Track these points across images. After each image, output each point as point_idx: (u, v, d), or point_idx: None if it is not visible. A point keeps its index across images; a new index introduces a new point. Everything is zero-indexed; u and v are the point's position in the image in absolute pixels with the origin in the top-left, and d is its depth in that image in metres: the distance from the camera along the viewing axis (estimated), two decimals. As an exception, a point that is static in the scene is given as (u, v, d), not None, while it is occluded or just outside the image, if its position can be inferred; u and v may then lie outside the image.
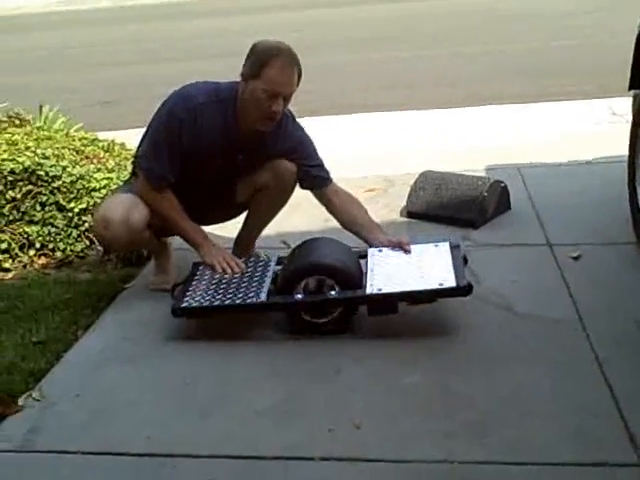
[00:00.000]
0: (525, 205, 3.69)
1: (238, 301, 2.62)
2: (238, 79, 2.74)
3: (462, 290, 2.53)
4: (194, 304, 2.63)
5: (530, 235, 3.34)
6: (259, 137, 2.81)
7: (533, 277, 2.95)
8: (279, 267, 2.81)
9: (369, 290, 2.58)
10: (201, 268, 2.85)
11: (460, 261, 2.71)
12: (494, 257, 3.16)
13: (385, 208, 3.73)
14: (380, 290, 2.57)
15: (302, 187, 2.95)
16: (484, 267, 3.01)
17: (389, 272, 2.67)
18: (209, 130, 2.75)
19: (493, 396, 2.20)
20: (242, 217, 3.15)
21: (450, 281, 2.55)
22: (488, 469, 1.91)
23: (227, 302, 2.62)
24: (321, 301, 2.59)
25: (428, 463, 1.95)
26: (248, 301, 2.61)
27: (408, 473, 1.92)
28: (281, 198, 3.01)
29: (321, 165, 2.93)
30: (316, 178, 2.90)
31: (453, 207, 3.54)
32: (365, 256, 2.80)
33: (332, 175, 2.95)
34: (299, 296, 2.60)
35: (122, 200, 2.84)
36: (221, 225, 3.23)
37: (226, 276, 2.78)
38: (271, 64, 2.63)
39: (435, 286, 2.55)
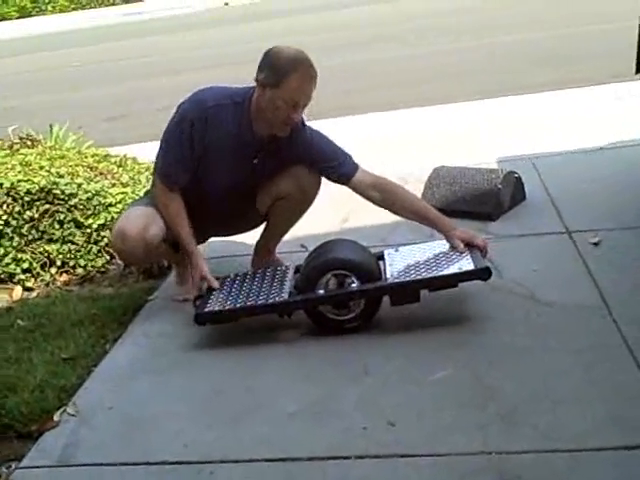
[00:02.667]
0: (540, 194, 3.69)
1: (261, 301, 2.63)
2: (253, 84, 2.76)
3: (481, 272, 2.56)
4: (217, 308, 2.65)
5: (548, 224, 3.34)
6: (273, 141, 2.82)
7: (554, 265, 2.95)
8: (297, 274, 2.84)
9: (390, 280, 2.61)
10: (221, 278, 2.87)
11: (477, 252, 2.72)
12: (514, 248, 3.16)
13: (401, 206, 3.73)
14: (400, 279, 2.60)
15: (334, 182, 2.95)
16: (505, 258, 3.02)
17: (408, 264, 2.71)
18: (222, 133, 2.76)
19: (525, 386, 2.21)
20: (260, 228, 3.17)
21: (468, 265, 2.59)
22: (524, 459, 1.92)
23: (250, 303, 2.64)
24: (344, 294, 2.61)
25: (464, 455, 1.95)
26: (270, 301, 2.63)
27: (445, 467, 1.93)
28: (302, 207, 3.02)
29: (342, 162, 2.88)
30: (341, 175, 2.89)
31: (469, 201, 3.55)
32: (382, 257, 2.83)
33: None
34: (321, 292, 2.62)
35: (139, 213, 2.86)
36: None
37: (246, 282, 2.80)
38: (292, 76, 2.63)
39: (454, 270, 2.58)
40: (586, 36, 8.07)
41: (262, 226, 3.16)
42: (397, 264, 2.74)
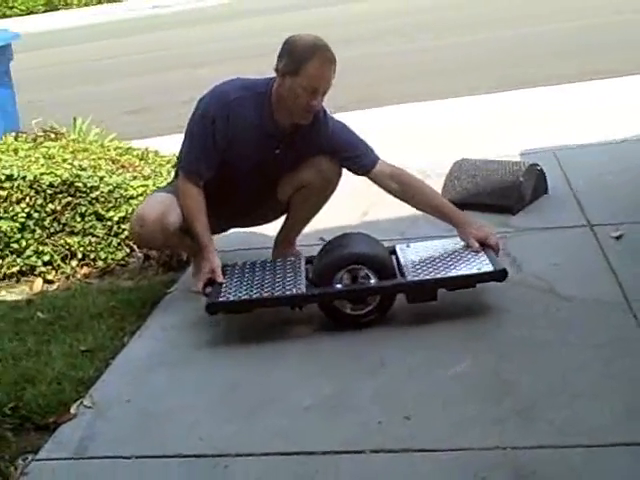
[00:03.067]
0: (562, 187, 3.65)
1: (277, 293, 2.62)
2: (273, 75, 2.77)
3: (499, 274, 2.56)
4: (231, 298, 2.63)
5: (570, 217, 3.30)
6: (295, 131, 2.83)
7: (575, 259, 2.92)
8: (309, 264, 2.84)
9: (409, 277, 2.60)
10: (230, 267, 2.87)
11: (491, 252, 2.70)
12: (535, 241, 3.13)
13: (421, 199, 3.70)
14: (420, 277, 2.59)
15: (354, 173, 2.96)
16: (525, 252, 2.99)
17: (423, 261, 2.70)
18: (244, 125, 2.78)
19: (542, 380, 2.19)
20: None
21: (487, 266, 2.58)
22: (541, 453, 1.90)
23: (266, 294, 2.63)
24: (362, 290, 2.60)
25: (480, 450, 1.94)
26: (288, 292, 2.62)
27: (460, 462, 1.92)
28: (323, 196, 3.03)
29: (363, 153, 2.89)
30: (361, 167, 2.89)
31: (490, 194, 3.51)
32: (394, 252, 2.82)
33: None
34: (339, 286, 2.61)
35: (159, 200, 2.89)
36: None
37: (257, 272, 2.79)
38: (310, 62, 2.64)
39: (474, 271, 2.57)
40: (610, 27, 7.96)
41: (282, 219, 3.17)
42: (411, 260, 2.72)
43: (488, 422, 2.04)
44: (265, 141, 2.84)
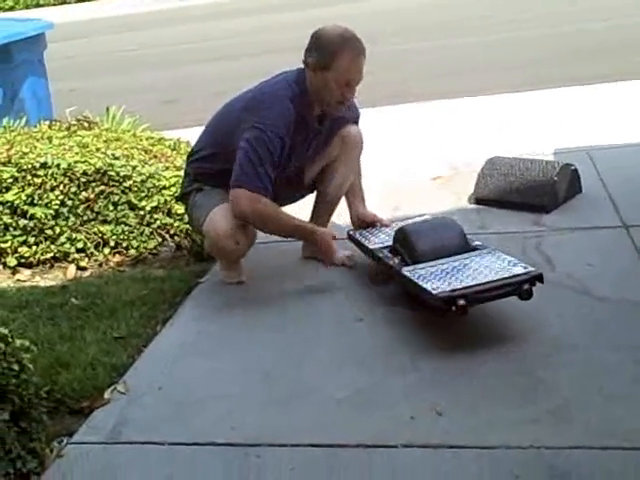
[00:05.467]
0: (597, 187, 3.62)
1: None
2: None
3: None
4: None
5: (604, 217, 3.27)
6: (325, 115, 2.92)
7: (609, 260, 2.90)
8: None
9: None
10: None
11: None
12: (568, 241, 3.10)
13: (453, 195, 3.70)
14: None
15: None
16: (558, 252, 2.97)
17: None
18: (297, 129, 2.82)
19: (576, 381, 2.18)
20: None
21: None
22: (575, 454, 1.89)
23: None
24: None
25: (513, 449, 1.93)
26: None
27: (492, 460, 1.91)
28: (348, 161, 3.08)
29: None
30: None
31: (523, 192, 3.49)
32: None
33: (397, 163, 3.00)
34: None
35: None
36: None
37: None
38: (341, 56, 2.66)
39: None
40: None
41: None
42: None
43: (522, 421, 2.03)
44: (307, 135, 2.91)
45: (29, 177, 3.53)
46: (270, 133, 2.74)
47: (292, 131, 2.80)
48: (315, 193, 3.24)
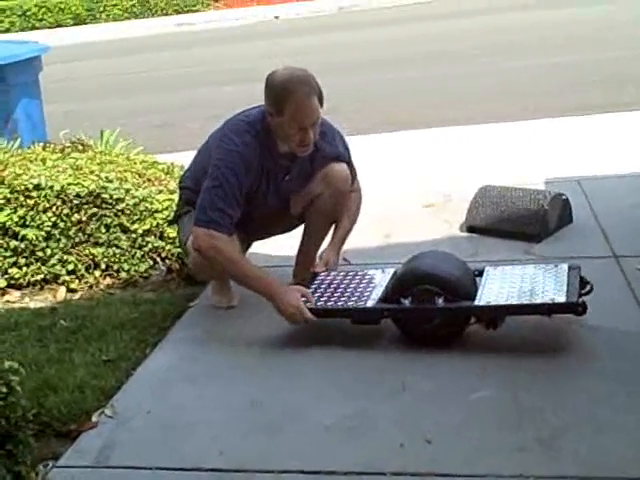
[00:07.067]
0: (587, 217, 3.64)
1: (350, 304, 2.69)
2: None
3: (573, 307, 2.48)
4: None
5: (594, 247, 3.29)
6: (296, 157, 2.89)
7: (600, 290, 2.87)
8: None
9: (477, 302, 2.56)
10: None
11: (576, 281, 2.65)
12: (558, 270, 3.11)
13: (445, 223, 3.71)
14: (489, 303, 2.55)
15: None
16: (549, 280, 2.97)
17: (501, 286, 2.65)
18: (258, 168, 2.83)
19: (566, 410, 2.17)
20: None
21: (561, 297, 2.52)
22: (564, 484, 1.89)
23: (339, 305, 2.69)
24: (426, 310, 2.58)
25: (502, 478, 1.93)
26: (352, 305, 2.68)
27: (482, 488, 1.91)
28: (334, 202, 3.00)
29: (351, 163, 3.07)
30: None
31: (514, 221, 3.51)
32: (481, 273, 2.78)
33: (389, 191, 2.97)
34: (406, 303, 2.61)
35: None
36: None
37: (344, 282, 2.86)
38: (290, 101, 2.67)
39: (545, 300, 2.52)
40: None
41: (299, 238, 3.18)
42: (491, 285, 2.67)
43: (510, 449, 2.03)
44: (275, 173, 2.90)
45: (22, 198, 3.52)
46: (226, 170, 2.75)
47: (257, 167, 2.81)
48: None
